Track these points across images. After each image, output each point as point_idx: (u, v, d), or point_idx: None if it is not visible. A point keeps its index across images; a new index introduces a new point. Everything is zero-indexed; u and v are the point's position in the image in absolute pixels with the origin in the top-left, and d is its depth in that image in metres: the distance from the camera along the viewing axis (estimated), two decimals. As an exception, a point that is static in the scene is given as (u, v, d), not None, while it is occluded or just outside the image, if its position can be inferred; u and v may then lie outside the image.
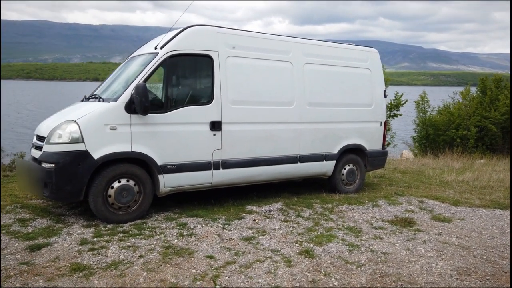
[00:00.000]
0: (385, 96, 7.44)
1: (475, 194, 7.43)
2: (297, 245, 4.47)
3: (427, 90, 19.05)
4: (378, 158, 7.36)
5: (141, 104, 4.77)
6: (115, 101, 4.93)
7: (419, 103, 18.19)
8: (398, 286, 3.59)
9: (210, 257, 4.03)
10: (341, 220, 5.47)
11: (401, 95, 15.31)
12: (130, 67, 5.66)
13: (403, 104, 15.30)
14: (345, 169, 6.98)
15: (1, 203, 5.57)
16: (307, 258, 4.11)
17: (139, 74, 5.07)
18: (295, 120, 6.25)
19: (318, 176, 6.83)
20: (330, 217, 5.55)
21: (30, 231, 4.58)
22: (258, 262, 3.95)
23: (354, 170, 7.09)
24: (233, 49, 5.67)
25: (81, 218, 5.09)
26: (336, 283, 3.58)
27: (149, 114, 5.02)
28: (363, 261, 4.09)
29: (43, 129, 5.10)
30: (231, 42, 5.70)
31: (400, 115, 15.51)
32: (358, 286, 3.56)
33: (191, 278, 3.56)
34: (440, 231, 5.17)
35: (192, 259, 3.98)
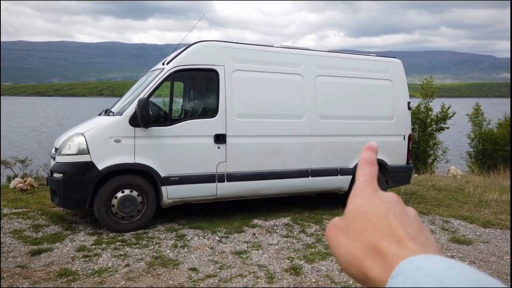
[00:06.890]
0: (409, 109, 7.04)
1: (514, 215, 6.73)
2: (287, 261, 4.34)
3: (491, 102, 17.78)
4: (401, 174, 6.94)
5: (142, 117, 4.97)
6: (121, 115, 5.19)
7: (472, 116, 17.02)
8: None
9: (193, 269, 4.04)
10: (347, 237, 5.22)
11: (448, 107, 14.34)
12: (142, 82, 5.93)
13: (450, 117, 14.31)
14: (363, 184, 6.66)
15: (27, 209, 6.04)
16: (291, 276, 3.97)
17: (144, 89, 5.30)
18: (305, 133, 6.12)
19: (332, 191, 6.59)
20: (336, 234, 5.31)
21: (39, 236, 4.91)
22: (239, 277, 3.89)
23: (374, 186, 6.74)
24: (239, 63, 5.72)
25: (89, 226, 5.35)
26: (310, 303, 3.42)
27: (154, 127, 5.21)
28: (351, 282, 3.87)
29: (59, 141, 5.48)
30: (238, 57, 5.76)
31: (447, 128, 14.50)
32: (334, 308, 3.37)
33: (165, 289, 3.60)
34: (454, 254, 4.75)
35: (175, 270, 4.01)
